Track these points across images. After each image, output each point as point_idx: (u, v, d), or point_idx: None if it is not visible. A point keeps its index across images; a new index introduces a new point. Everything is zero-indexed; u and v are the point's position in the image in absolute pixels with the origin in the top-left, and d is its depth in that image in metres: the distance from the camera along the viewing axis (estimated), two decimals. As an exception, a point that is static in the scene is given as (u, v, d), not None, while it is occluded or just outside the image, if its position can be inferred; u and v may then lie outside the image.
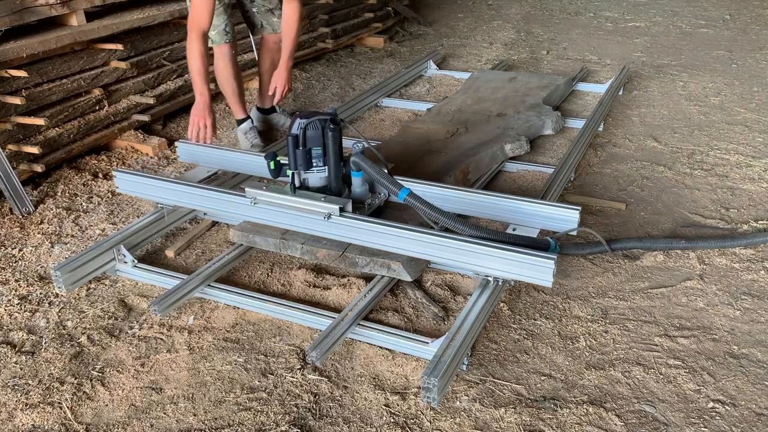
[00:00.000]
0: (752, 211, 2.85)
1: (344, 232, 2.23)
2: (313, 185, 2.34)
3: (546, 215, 2.37)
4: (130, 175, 2.68)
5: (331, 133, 2.25)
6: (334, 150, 2.28)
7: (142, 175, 2.67)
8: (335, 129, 2.26)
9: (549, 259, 1.95)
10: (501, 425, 1.80)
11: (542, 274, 1.97)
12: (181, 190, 2.56)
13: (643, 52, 5.42)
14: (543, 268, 1.96)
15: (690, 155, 3.42)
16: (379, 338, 2.09)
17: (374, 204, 2.40)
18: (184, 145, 2.99)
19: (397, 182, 2.22)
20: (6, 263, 2.57)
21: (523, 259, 1.99)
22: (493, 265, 2.05)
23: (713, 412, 1.83)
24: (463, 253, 2.07)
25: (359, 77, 4.91)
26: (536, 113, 3.64)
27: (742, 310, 2.24)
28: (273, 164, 2.37)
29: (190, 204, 2.59)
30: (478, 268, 2.10)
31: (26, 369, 2.02)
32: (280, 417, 1.83)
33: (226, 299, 2.31)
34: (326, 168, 2.32)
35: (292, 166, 2.30)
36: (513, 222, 2.39)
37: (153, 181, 2.63)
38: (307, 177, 2.33)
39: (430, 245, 2.10)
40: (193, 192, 2.53)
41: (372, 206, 2.38)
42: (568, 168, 3.05)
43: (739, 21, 6.40)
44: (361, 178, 2.36)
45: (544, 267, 1.96)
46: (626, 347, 2.08)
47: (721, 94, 4.33)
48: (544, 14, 6.91)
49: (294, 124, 2.28)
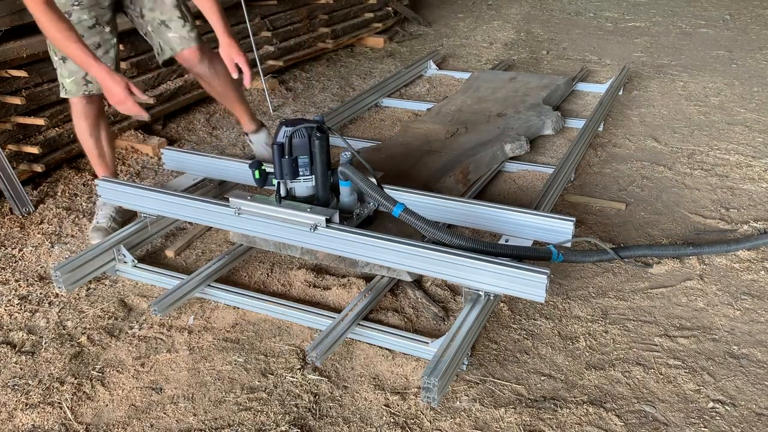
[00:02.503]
0: (752, 212, 2.85)
1: (331, 244, 2.16)
2: (299, 195, 2.26)
3: (539, 226, 2.30)
4: (112, 184, 2.59)
5: (317, 141, 2.17)
6: (321, 159, 2.20)
7: (124, 184, 2.59)
8: (322, 137, 2.18)
9: (541, 273, 1.88)
10: (501, 425, 1.80)
11: (534, 289, 1.90)
12: (164, 200, 2.46)
13: (643, 52, 5.42)
14: (535, 283, 1.89)
15: (690, 155, 3.42)
16: (379, 338, 2.09)
17: (363, 214, 2.31)
18: (170, 152, 2.93)
19: (391, 198, 2.14)
20: (6, 263, 2.57)
21: (514, 274, 1.92)
22: (483, 279, 1.97)
23: (713, 412, 1.83)
24: (452, 266, 1.99)
25: (359, 77, 4.91)
26: (536, 113, 3.64)
27: (742, 310, 2.24)
28: (258, 173, 2.28)
29: (172, 214, 2.48)
30: (467, 282, 2.01)
31: (26, 369, 2.02)
32: (280, 417, 1.83)
33: (226, 299, 2.31)
34: (313, 177, 2.23)
35: (278, 175, 2.22)
36: (505, 233, 2.33)
37: (135, 189, 2.53)
38: (294, 186, 2.26)
39: (418, 258, 2.03)
40: (175, 201, 2.43)
41: (360, 216, 2.30)
42: (568, 168, 3.05)
43: (739, 21, 6.40)
44: (349, 188, 2.27)
45: (537, 282, 1.89)
46: (626, 347, 2.08)
47: (721, 94, 4.33)
48: (544, 14, 6.91)
49: (279, 132, 2.19)
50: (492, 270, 1.95)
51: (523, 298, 2.05)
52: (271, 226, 2.23)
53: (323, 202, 2.27)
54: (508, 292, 1.98)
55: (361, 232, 2.12)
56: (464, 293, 2.06)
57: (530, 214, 2.32)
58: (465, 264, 1.97)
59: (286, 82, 4.68)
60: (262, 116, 4.06)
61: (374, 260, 2.13)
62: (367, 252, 2.11)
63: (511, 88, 4.08)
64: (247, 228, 2.30)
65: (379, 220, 2.41)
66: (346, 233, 2.13)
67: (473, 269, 1.97)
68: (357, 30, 5.66)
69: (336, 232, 2.14)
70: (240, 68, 2.62)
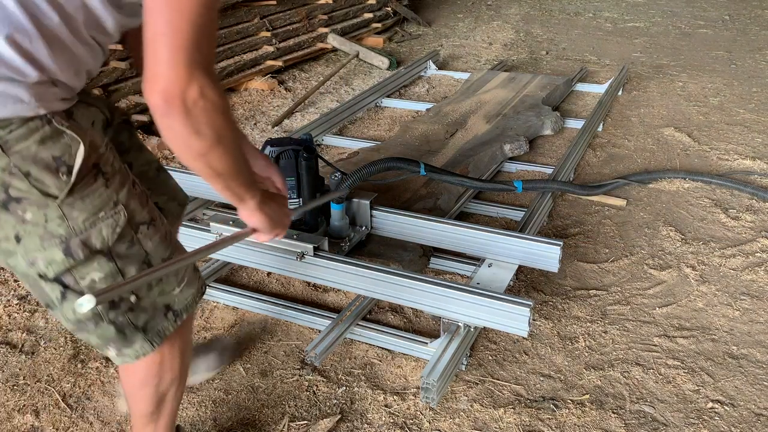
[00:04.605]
0: (751, 213, 2.85)
1: (319, 273, 2.05)
2: None
3: (524, 250, 2.16)
4: None
5: (305, 162, 2.06)
6: (308, 181, 2.09)
7: None
8: (309, 158, 2.07)
9: (524, 306, 1.79)
10: (500, 425, 1.80)
11: (517, 323, 1.82)
12: None
13: (643, 53, 5.42)
14: (518, 316, 1.80)
15: (689, 155, 3.42)
16: (379, 338, 2.09)
17: (354, 240, 2.24)
18: None
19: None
20: (5, 263, 2.56)
21: (495, 306, 1.83)
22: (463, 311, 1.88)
23: (712, 412, 1.83)
24: (440, 298, 1.90)
25: (359, 77, 4.91)
26: (535, 113, 3.64)
27: (741, 311, 2.24)
28: None
29: None
30: (450, 314, 1.91)
31: (25, 369, 2.02)
32: (279, 417, 1.83)
33: (226, 299, 2.30)
34: (300, 200, 2.12)
35: None
36: (488, 256, 2.22)
37: None
38: None
39: (410, 291, 1.93)
40: None
41: (352, 243, 2.22)
42: (567, 168, 3.05)
43: (738, 21, 6.40)
44: (340, 211, 2.19)
45: (519, 315, 1.80)
46: (625, 347, 2.08)
47: (721, 95, 4.34)
48: (543, 14, 6.91)
49: (264, 152, 2.05)
50: (473, 302, 1.86)
51: (505, 331, 1.99)
52: (254, 253, 2.12)
53: (312, 227, 2.18)
54: (490, 325, 1.88)
55: (352, 262, 2.02)
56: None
57: (515, 237, 2.19)
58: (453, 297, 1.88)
59: (285, 82, 4.68)
60: (261, 116, 4.06)
61: (364, 292, 2.03)
62: (357, 283, 2.01)
63: (511, 88, 4.08)
64: (229, 255, 2.16)
65: (373, 243, 2.35)
66: (336, 262, 2.02)
67: (458, 301, 1.87)
68: (356, 30, 5.67)
69: (325, 261, 2.03)
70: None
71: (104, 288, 1.08)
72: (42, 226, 1.10)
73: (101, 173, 1.15)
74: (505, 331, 1.95)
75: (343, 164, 2.95)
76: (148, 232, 1.23)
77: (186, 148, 1.08)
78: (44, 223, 1.10)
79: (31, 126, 1.06)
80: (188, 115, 1.02)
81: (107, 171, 1.17)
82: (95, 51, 1.18)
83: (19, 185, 1.07)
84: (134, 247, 1.20)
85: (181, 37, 0.99)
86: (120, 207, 1.17)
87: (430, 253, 2.43)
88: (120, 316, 1.21)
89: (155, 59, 1.00)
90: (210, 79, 1.03)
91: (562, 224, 2.79)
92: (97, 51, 1.19)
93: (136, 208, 1.21)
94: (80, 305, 0.98)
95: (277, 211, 1.42)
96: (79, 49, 1.13)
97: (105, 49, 1.22)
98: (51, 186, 1.09)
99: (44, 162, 1.07)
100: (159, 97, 1.01)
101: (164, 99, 1.01)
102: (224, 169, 1.15)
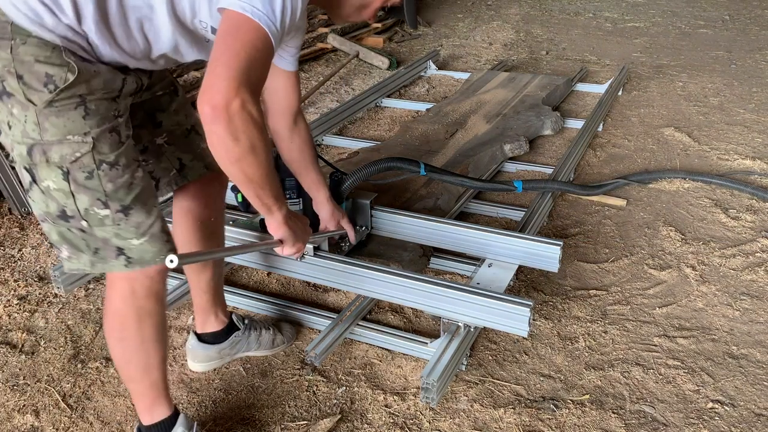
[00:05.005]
0: (751, 213, 2.85)
1: (320, 274, 2.05)
2: None
3: (525, 250, 2.16)
4: None
5: None
6: None
7: None
8: None
9: (524, 306, 1.79)
10: (500, 425, 1.80)
11: (517, 323, 1.81)
12: None
13: (643, 53, 5.42)
14: (518, 316, 1.80)
15: (689, 155, 3.42)
16: (379, 338, 2.09)
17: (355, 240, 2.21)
18: None
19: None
20: (5, 263, 2.56)
21: (495, 306, 1.83)
22: (463, 311, 1.88)
23: (712, 412, 1.83)
24: (440, 298, 1.90)
25: (359, 77, 4.91)
26: (535, 113, 3.64)
27: (742, 311, 2.24)
28: (241, 196, 2.18)
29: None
30: (450, 314, 1.91)
31: (25, 369, 2.02)
32: (279, 417, 1.83)
33: (226, 299, 2.30)
34: (300, 200, 2.13)
35: None
36: (488, 256, 2.22)
37: None
38: None
39: (410, 291, 1.93)
40: None
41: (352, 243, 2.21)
42: (567, 168, 3.05)
43: (738, 21, 6.41)
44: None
45: (520, 315, 1.80)
46: (625, 348, 2.08)
47: (721, 95, 4.34)
48: (543, 14, 6.91)
49: None
50: (473, 302, 1.86)
51: (505, 332, 2.00)
52: (254, 253, 2.12)
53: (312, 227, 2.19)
54: (490, 325, 1.88)
55: (352, 262, 2.03)
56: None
57: (515, 237, 2.18)
58: (454, 297, 1.87)
59: (285, 82, 4.68)
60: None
61: (364, 292, 2.04)
62: (357, 283, 2.02)
63: (511, 88, 4.08)
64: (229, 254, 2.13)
65: (374, 243, 2.35)
66: (336, 263, 2.02)
67: (460, 302, 1.87)
68: (356, 30, 5.66)
69: (325, 261, 2.03)
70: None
71: (186, 253, 1.47)
72: (23, 123, 1.30)
73: (84, 106, 1.32)
74: (505, 331, 1.96)
75: (343, 164, 2.94)
76: (110, 173, 1.36)
77: (225, 151, 1.25)
78: (24, 123, 1.30)
79: (43, 46, 1.25)
80: (230, 122, 1.20)
81: (92, 108, 1.32)
82: (156, 65, 1.45)
83: (11, 83, 1.26)
84: (92, 180, 1.35)
85: (237, 60, 1.19)
86: (89, 139, 1.33)
87: (430, 253, 2.43)
88: (69, 231, 1.40)
89: (213, 74, 1.19)
90: (253, 99, 1.21)
91: (562, 224, 2.79)
92: (159, 65, 1.46)
93: (105, 148, 1.35)
94: (170, 261, 1.24)
95: (301, 228, 1.66)
96: (135, 49, 1.36)
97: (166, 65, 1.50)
98: (34, 95, 1.27)
99: (38, 74, 1.26)
100: (208, 106, 1.19)
101: (212, 107, 1.18)
102: (255, 176, 1.32)
